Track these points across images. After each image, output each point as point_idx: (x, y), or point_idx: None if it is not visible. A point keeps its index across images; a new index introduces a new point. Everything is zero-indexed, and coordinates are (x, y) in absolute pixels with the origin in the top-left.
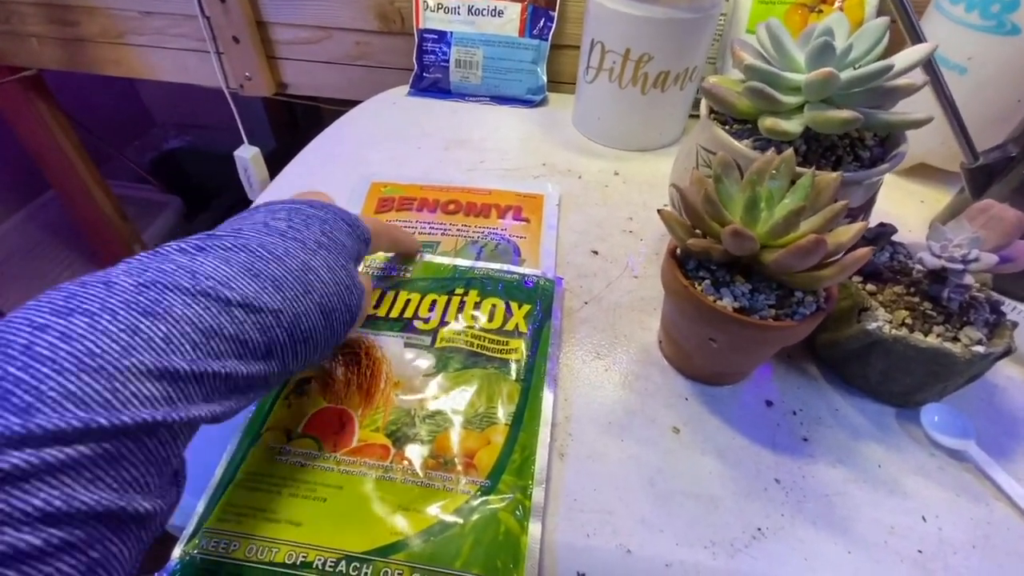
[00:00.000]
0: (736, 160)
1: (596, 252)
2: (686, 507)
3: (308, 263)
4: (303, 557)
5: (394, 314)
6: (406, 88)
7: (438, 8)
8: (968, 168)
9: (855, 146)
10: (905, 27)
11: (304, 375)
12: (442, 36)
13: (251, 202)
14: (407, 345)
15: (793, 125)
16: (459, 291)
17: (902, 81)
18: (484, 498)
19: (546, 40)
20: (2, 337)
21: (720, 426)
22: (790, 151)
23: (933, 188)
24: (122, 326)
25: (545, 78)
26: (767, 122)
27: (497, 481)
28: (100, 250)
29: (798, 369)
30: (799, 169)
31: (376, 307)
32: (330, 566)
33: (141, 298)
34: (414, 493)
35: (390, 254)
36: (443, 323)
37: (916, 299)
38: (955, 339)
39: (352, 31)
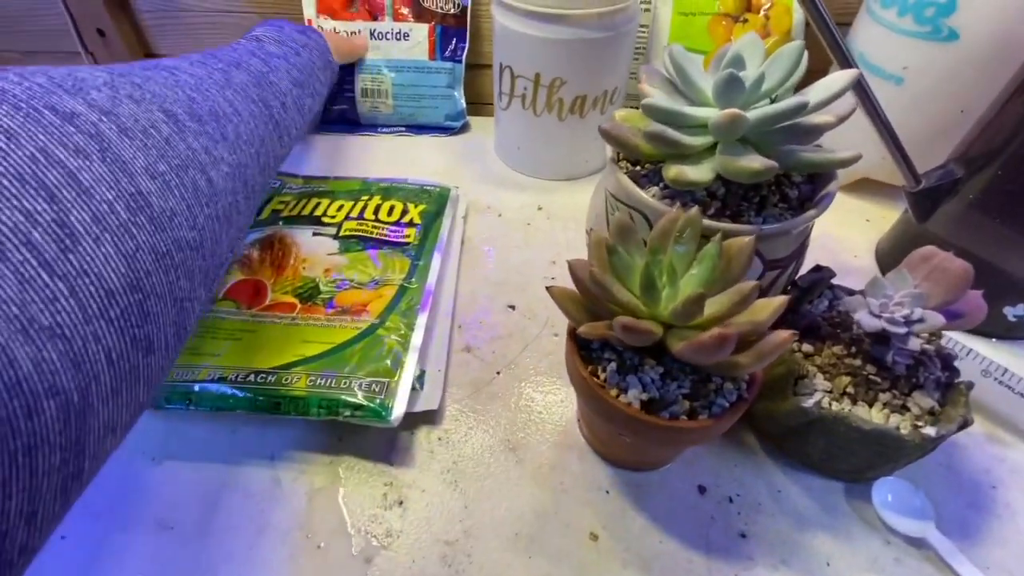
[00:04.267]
0: (644, 212)
1: (513, 307)
2: None
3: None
4: (220, 374)
5: (305, 212)
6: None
7: (337, 31)
8: (911, 192)
9: (781, 184)
10: (829, 45)
11: None
12: (348, 66)
13: None
14: (315, 234)
15: (702, 172)
16: (364, 198)
17: (820, 118)
18: (374, 331)
19: (460, 62)
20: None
21: (645, 526)
22: (695, 211)
23: (878, 204)
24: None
25: (464, 102)
26: (671, 172)
27: (385, 319)
28: None
29: (734, 442)
30: (708, 224)
31: (291, 210)
32: (241, 378)
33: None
34: (316, 331)
35: None
36: (347, 218)
37: (858, 362)
38: (904, 408)
39: None
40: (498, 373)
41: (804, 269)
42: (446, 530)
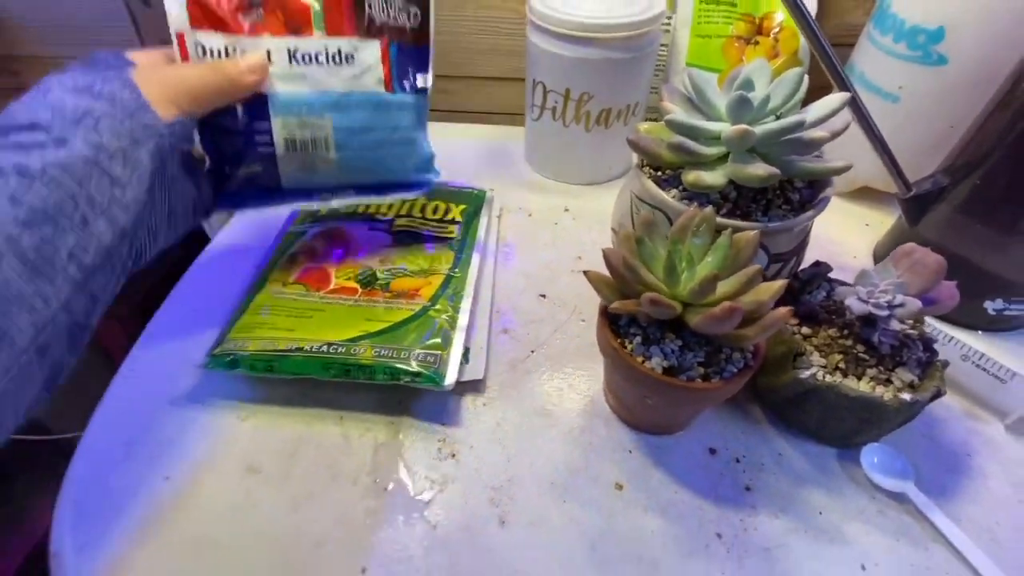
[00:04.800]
0: (665, 211)
1: (544, 296)
2: (627, 573)
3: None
4: (297, 345)
5: (360, 210)
6: None
7: (227, 55)
8: (902, 199)
9: (784, 189)
10: (828, 70)
11: (292, 251)
12: (250, 103)
13: (206, 239)
14: (370, 229)
15: (716, 177)
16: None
17: (816, 133)
18: (426, 312)
19: (424, 93)
20: None
21: (664, 480)
22: (709, 209)
23: (877, 211)
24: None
25: (431, 148)
26: (690, 177)
27: (435, 303)
28: None
29: (742, 412)
30: (722, 220)
31: (348, 207)
32: (316, 349)
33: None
34: (376, 311)
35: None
36: (398, 216)
37: (850, 342)
38: (888, 381)
39: None
40: (532, 352)
41: (805, 264)
42: (492, 478)
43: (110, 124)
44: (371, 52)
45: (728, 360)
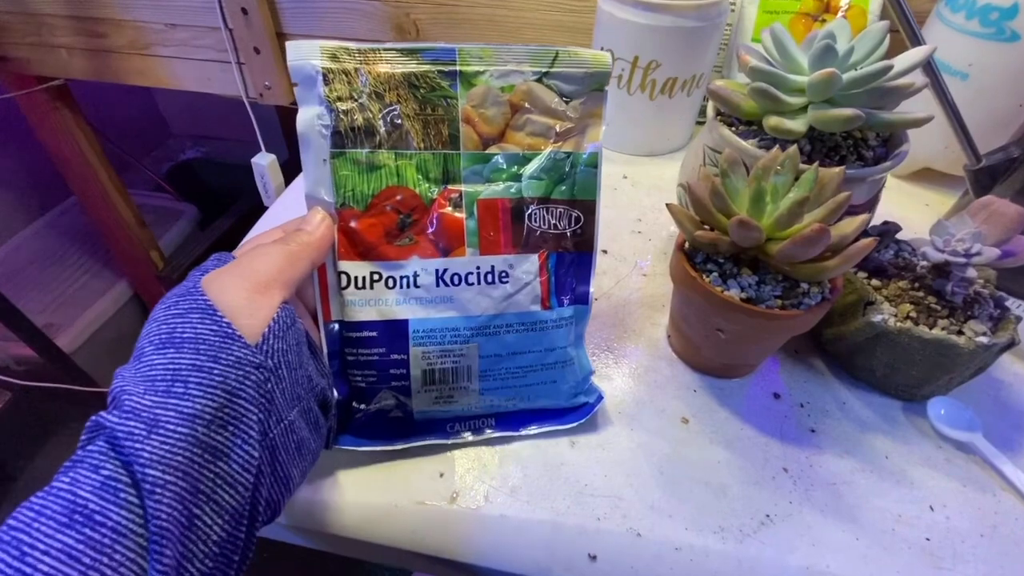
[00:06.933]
0: (742, 158)
1: (605, 251)
2: (695, 494)
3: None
4: None
5: None
6: None
7: (371, 283)
8: (971, 170)
9: (858, 146)
10: (906, 33)
11: None
12: (389, 331)
13: (265, 208)
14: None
15: (797, 124)
16: None
17: (901, 81)
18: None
19: (587, 303)
20: None
21: (728, 417)
22: (794, 147)
23: (938, 192)
24: None
25: (591, 364)
26: (772, 121)
27: None
28: (118, 256)
29: (805, 364)
30: (803, 165)
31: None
32: None
33: None
34: None
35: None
36: None
37: (920, 294)
38: (959, 332)
39: (368, 43)
40: (596, 299)
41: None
42: None
43: (198, 380)
44: (527, 267)
45: (805, 295)
